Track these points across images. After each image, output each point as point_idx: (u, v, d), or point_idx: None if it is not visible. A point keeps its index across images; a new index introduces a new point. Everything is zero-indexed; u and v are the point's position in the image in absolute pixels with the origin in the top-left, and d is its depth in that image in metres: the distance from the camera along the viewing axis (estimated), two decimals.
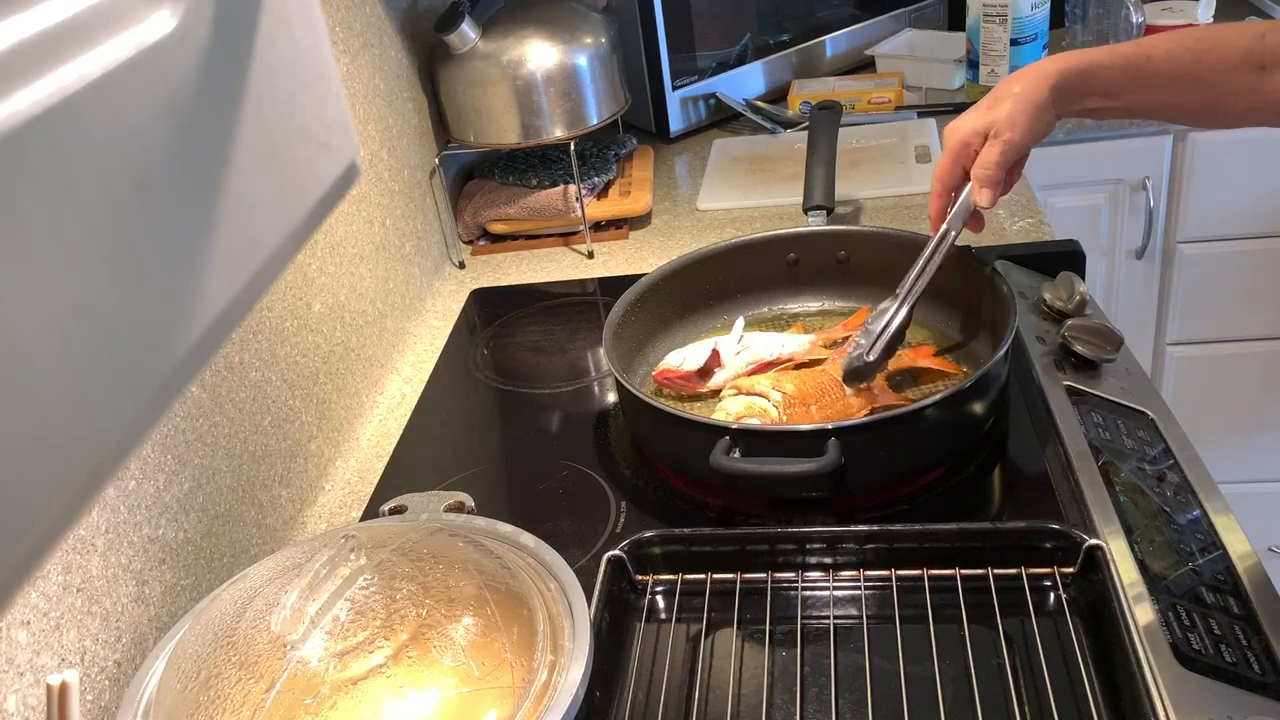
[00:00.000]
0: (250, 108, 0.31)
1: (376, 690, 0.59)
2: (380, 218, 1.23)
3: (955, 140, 0.92)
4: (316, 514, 1.00)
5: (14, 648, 0.62)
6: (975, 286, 1.02)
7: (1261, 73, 0.87)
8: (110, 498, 0.72)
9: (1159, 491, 0.84)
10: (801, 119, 1.64)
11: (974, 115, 0.91)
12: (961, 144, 0.91)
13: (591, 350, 1.20)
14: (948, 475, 0.90)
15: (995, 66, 1.64)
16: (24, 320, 0.22)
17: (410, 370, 1.23)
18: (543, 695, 0.62)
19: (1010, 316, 0.92)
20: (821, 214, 1.25)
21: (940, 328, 1.07)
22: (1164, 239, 1.69)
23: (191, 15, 0.28)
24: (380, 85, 1.26)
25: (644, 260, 1.37)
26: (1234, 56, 0.87)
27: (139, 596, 0.74)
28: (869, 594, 0.80)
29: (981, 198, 0.91)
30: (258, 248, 0.31)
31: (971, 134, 0.91)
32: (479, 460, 1.04)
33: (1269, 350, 1.73)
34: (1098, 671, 0.70)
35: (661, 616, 0.81)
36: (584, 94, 1.36)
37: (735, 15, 1.69)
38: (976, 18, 1.63)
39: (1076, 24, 1.72)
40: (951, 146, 0.92)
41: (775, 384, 0.93)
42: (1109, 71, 0.89)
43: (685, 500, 0.92)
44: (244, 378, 0.90)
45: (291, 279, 1.01)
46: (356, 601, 0.63)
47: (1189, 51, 0.88)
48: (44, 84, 0.23)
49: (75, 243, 0.24)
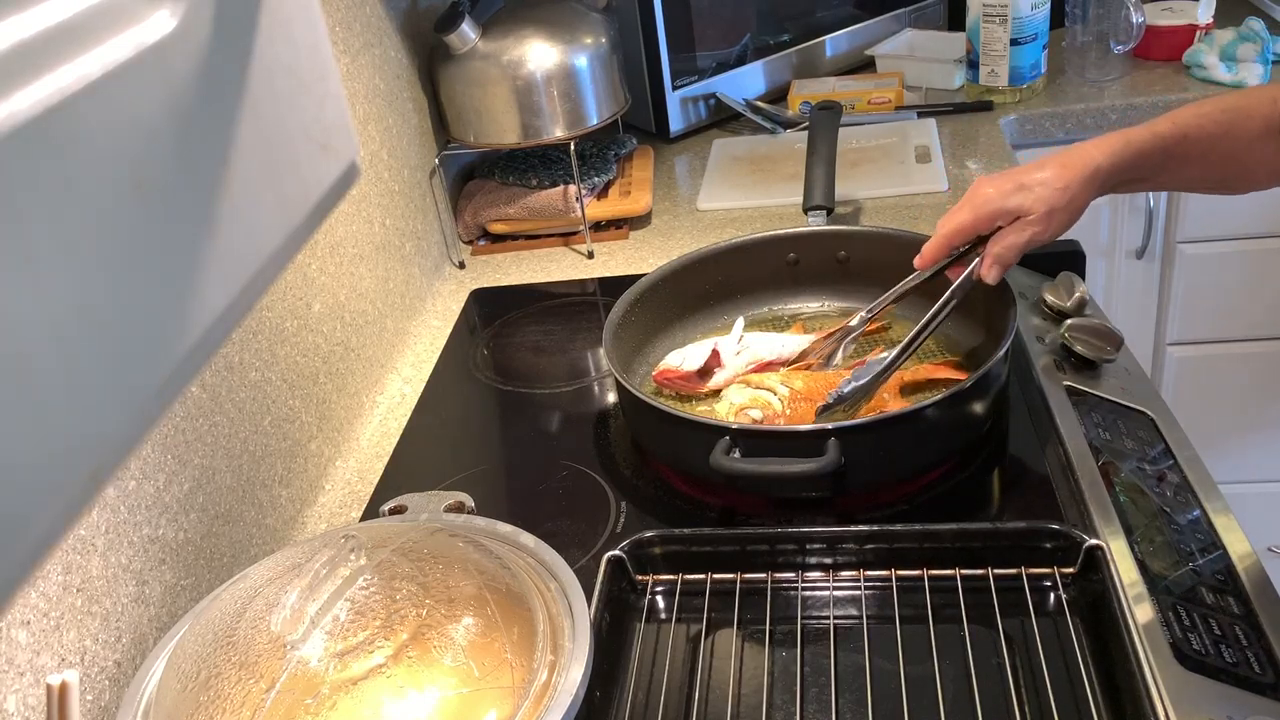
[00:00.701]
0: (250, 108, 0.31)
1: (376, 690, 0.59)
2: (380, 218, 1.23)
3: (986, 211, 0.90)
4: (316, 514, 1.00)
5: (14, 648, 0.62)
6: (975, 287, 1.02)
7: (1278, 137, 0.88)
8: (110, 498, 0.72)
9: (1159, 491, 0.84)
10: (801, 119, 1.64)
11: (1010, 190, 0.89)
12: (991, 217, 0.90)
13: (591, 350, 1.20)
14: (948, 475, 0.90)
15: (995, 66, 1.64)
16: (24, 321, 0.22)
17: (410, 370, 1.23)
18: (543, 695, 0.62)
19: (1010, 316, 0.92)
20: (821, 214, 1.25)
21: (941, 328, 1.07)
22: (1164, 239, 1.69)
23: (191, 15, 0.28)
24: (380, 85, 1.26)
25: (644, 260, 1.37)
26: (1256, 126, 0.88)
27: (139, 596, 0.74)
28: (869, 594, 0.80)
29: (990, 275, 0.91)
30: (258, 248, 0.31)
31: (1003, 213, 0.89)
32: (479, 460, 1.04)
33: (1269, 350, 1.73)
34: (1098, 671, 0.70)
35: (661, 616, 0.81)
36: (584, 94, 1.36)
37: (735, 15, 1.69)
38: (976, 18, 1.63)
39: (1076, 24, 1.72)
40: (981, 214, 0.90)
41: (785, 380, 0.94)
42: (1150, 159, 0.89)
43: (685, 500, 0.92)
44: (244, 378, 0.90)
45: (291, 279, 1.01)
46: (356, 601, 0.63)
47: (1218, 125, 0.88)
48: (44, 84, 0.23)
49: (75, 243, 0.24)
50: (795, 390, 0.92)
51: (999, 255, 0.90)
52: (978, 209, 0.90)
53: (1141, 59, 1.73)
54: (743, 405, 0.91)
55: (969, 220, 0.91)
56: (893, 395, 0.96)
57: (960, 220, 0.91)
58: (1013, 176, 0.89)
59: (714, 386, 1.01)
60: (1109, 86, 1.67)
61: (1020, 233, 0.89)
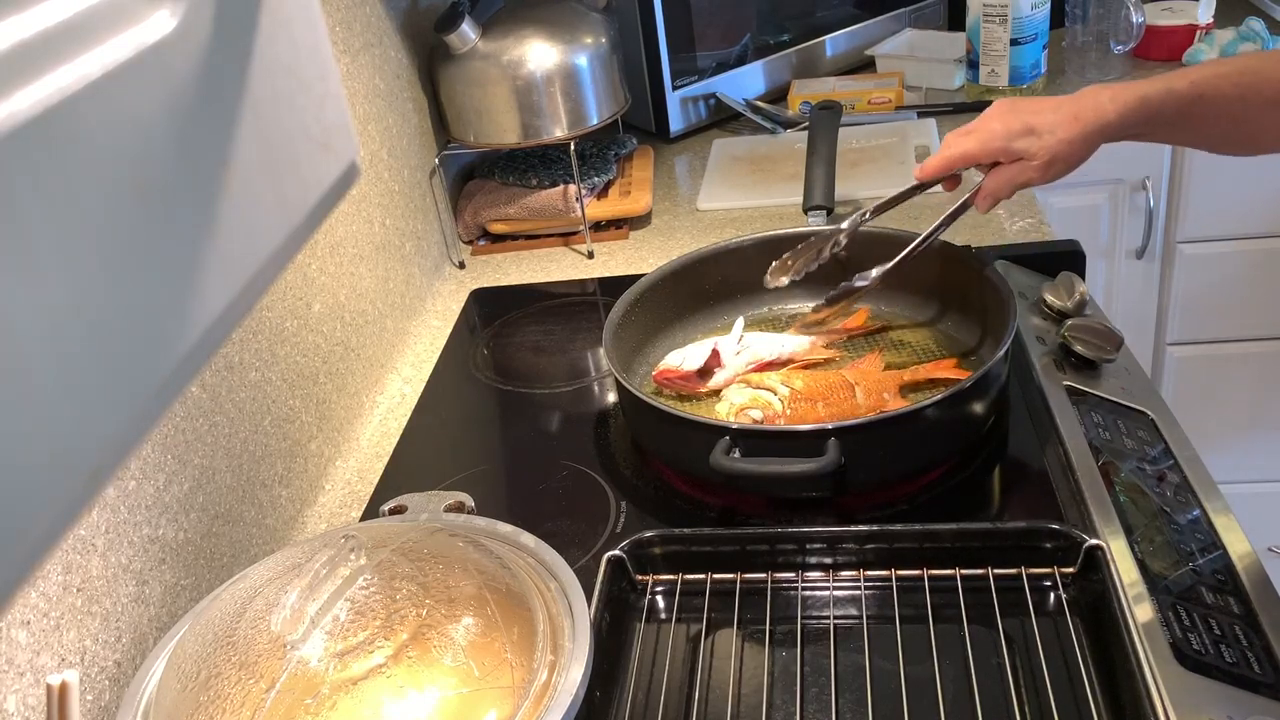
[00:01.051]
0: (250, 108, 0.31)
1: (376, 690, 0.59)
2: (380, 218, 1.23)
3: (993, 148, 0.93)
4: (316, 514, 1.00)
5: (14, 648, 0.62)
6: (975, 287, 1.02)
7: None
8: (110, 498, 0.72)
9: (1159, 491, 0.84)
10: (801, 119, 1.64)
11: (1018, 131, 0.91)
12: (995, 154, 0.93)
13: (591, 350, 1.20)
14: (948, 475, 0.90)
15: (995, 66, 1.64)
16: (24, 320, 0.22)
17: (410, 370, 1.23)
18: (543, 695, 0.62)
19: (1010, 316, 0.92)
20: (821, 214, 1.25)
21: (940, 328, 1.07)
22: (1164, 239, 1.69)
23: (191, 15, 0.28)
24: (380, 85, 1.26)
25: (644, 260, 1.37)
26: (1271, 91, 0.88)
27: (139, 596, 0.74)
28: (869, 594, 0.80)
29: (983, 206, 0.96)
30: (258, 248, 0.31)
31: (1007, 152, 0.92)
32: (479, 460, 1.04)
33: (1269, 350, 1.73)
34: (1098, 671, 0.70)
35: (661, 616, 0.81)
36: (584, 94, 1.36)
37: (735, 15, 1.69)
38: (976, 18, 1.63)
39: (1077, 24, 1.72)
40: (987, 148, 0.93)
41: (785, 380, 0.94)
42: (1163, 118, 0.90)
43: (685, 500, 0.92)
44: (244, 378, 0.90)
45: (291, 279, 1.01)
46: (356, 601, 0.63)
47: (1235, 87, 0.89)
48: (44, 84, 0.23)
49: (75, 243, 0.24)
50: (795, 390, 0.92)
51: (994, 190, 0.95)
52: (985, 143, 0.93)
53: (1141, 59, 1.73)
54: (743, 405, 0.91)
55: (974, 150, 0.94)
56: (893, 395, 0.96)
57: (966, 148, 0.95)
58: (1024, 116, 0.92)
59: (714, 386, 1.01)
60: None
61: (1018, 174, 0.93)
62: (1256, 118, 0.90)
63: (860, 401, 0.94)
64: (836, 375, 0.96)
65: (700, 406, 1.00)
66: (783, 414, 0.91)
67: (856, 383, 0.95)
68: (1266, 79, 0.88)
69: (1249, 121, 0.90)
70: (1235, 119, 0.90)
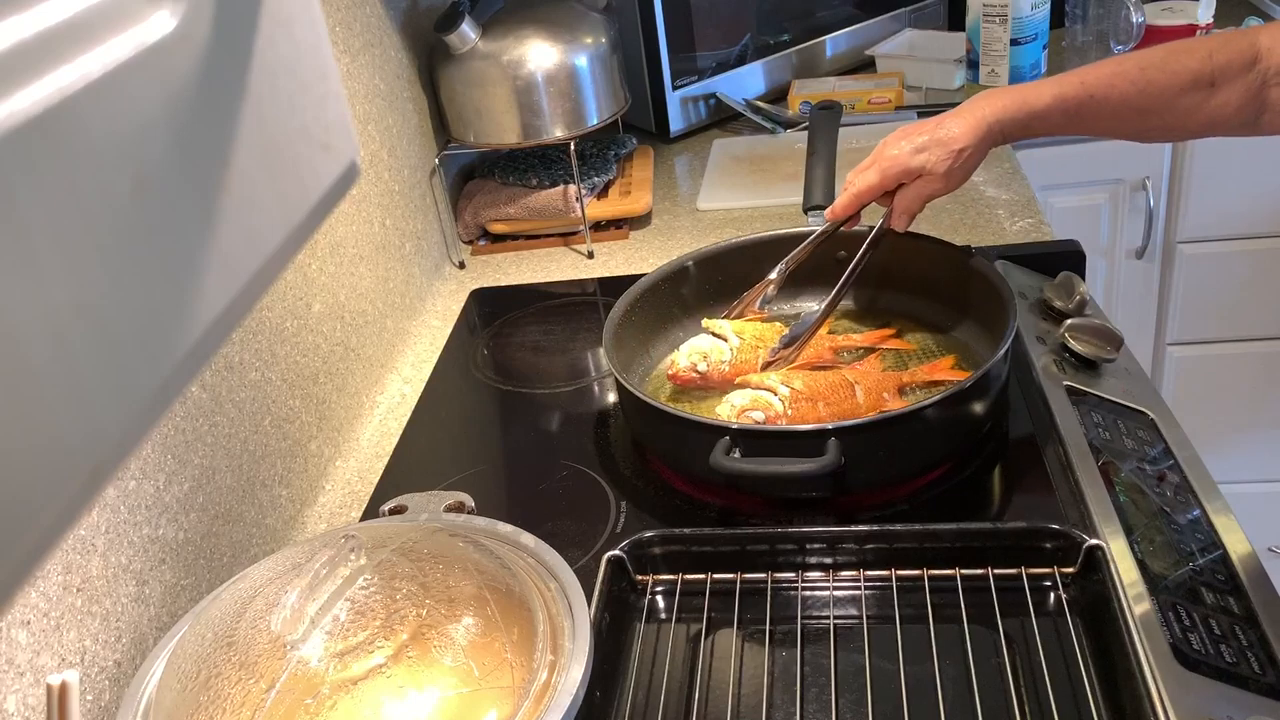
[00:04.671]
0: (250, 108, 0.31)
1: (376, 690, 0.59)
2: (380, 218, 1.23)
3: (893, 172, 0.97)
4: (316, 514, 1.00)
5: (14, 648, 0.62)
6: (975, 287, 1.02)
7: (1211, 90, 0.89)
8: (110, 498, 0.72)
9: (1159, 491, 0.84)
10: (801, 119, 1.64)
11: (911, 152, 0.96)
12: (897, 177, 0.98)
13: (591, 350, 1.20)
14: (948, 475, 0.90)
15: (995, 66, 1.64)
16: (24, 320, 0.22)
17: (410, 370, 1.23)
18: (543, 695, 0.62)
19: (1010, 317, 0.92)
20: (821, 214, 1.25)
21: (940, 328, 1.07)
22: (1164, 239, 1.69)
23: (192, 15, 0.28)
24: (380, 85, 1.26)
25: (644, 260, 1.37)
26: (1180, 82, 0.89)
27: (139, 596, 0.74)
28: (869, 594, 0.80)
29: (899, 224, 1.01)
30: (258, 248, 0.31)
31: (907, 172, 0.97)
32: (479, 460, 1.04)
33: (1269, 350, 1.73)
34: (1098, 671, 0.70)
35: (661, 617, 0.81)
36: (584, 94, 1.36)
37: (735, 15, 1.69)
38: (976, 18, 1.63)
39: (1077, 24, 1.72)
40: (888, 175, 0.98)
41: (785, 380, 0.93)
42: (1047, 121, 0.93)
43: (685, 500, 0.92)
44: (244, 378, 0.90)
45: (291, 279, 1.01)
46: (356, 601, 0.63)
47: (1133, 84, 0.90)
48: (44, 84, 0.23)
49: (76, 242, 0.24)
50: (796, 390, 0.92)
51: (905, 207, 1.00)
52: (884, 170, 0.98)
53: None
54: (744, 407, 0.91)
55: (876, 180, 0.99)
56: (893, 395, 0.96)
57: (869, 181, 0.99)
58: (913, 138, 0.96)
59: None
60: None
61: (924, 187, 0.98)
62: (1165, 109, 0.91)
63: (860, 401, 0.94)
64: (836, 375, 0.96)
65: (700, 406, 1.00)
66: (784, 414, 0.91)
67: (856, 382, 0.95)
68: (1172, 70, 0.89)
69: (1155, 113, 0.91)
70: (1139, 113, 0.92)
